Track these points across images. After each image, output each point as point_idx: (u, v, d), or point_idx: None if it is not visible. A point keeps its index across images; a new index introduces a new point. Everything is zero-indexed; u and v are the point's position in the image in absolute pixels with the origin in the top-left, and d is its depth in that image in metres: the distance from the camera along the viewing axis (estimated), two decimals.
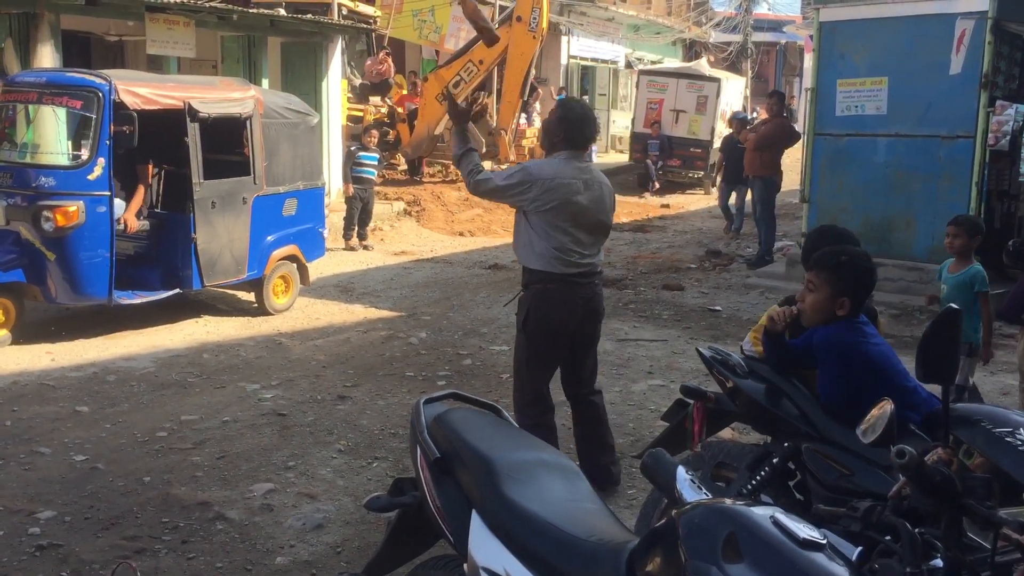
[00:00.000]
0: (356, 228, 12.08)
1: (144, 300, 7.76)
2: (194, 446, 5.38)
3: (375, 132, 12.68)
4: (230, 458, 5.23)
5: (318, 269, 9.82)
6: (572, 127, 4.54)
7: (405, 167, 16.61)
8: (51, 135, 7.46)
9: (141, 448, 5.33)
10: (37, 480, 4.85)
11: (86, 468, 5.02)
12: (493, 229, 14.06)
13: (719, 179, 15.11)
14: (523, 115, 17.96)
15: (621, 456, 5.35)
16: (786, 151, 12.12)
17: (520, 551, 2.27)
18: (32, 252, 7.15)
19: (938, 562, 1.82)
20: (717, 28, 31.97)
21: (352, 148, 12.24)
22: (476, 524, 2.43)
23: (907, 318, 8.62)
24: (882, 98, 9.44)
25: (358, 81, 17.40)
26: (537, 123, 20.91)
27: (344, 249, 11.88)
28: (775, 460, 3.35)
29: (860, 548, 1.87)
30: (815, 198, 10.05)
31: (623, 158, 22.38)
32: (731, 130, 14.35)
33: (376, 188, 15.40)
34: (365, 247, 12.10)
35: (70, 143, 7.38)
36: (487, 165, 17.06)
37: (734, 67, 29.15)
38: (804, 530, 1.79)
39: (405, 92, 18.16)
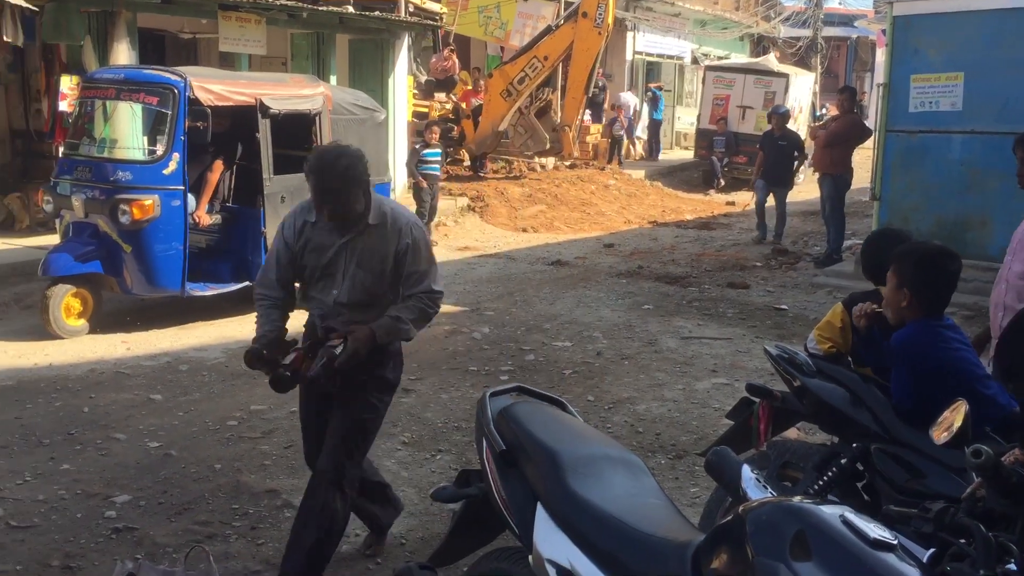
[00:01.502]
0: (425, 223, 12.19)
1: (215, 292, 7.94)
2: (263, 435, 5.50)
3: (436, 128, 12.75)
4: (297, 447, 5.30)
5: None
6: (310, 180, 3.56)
7: (469, 163, 16.70)
8: (128, 131, 7.66)
9: (212, 436, 5.46)
10: (113, 465, 5.00)
11: (160, 454, 5.17)
12: (556, 226, 14.05)
13: (755, 179, 13.66)
14: (588, 112, 17.90)
15: (684, 454, 5.33)
16: (856, 148, 11.87)
17: (585, 544, 2.28)
18: (109, 244, 7.36)
19: (1012, 566, 1.78)
20: (786, 23, 31.43)
21: (417, 146, 12.34)
22: (541, 517, 2.44)
23: (982, 320, 8.38)
24: (958, 94, 9.20)
25: (423, 77, 17.53)
26: (602, 119, 20.82)
27: None
28: (843, 461, 3.30)
29: (932, 550, 1.84)
30: (886, 196, 9.82)
31: (688, 155, 22.19)
32: (770, 125, 13.39)
33: (440, 184, 15.54)
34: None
35: (146, 138, 7.57)
36: (550, 162, 17.13)
37: (803, 62, 28.65)
38: (875, 530, 1.77)
39: (470, 88, 18.25)
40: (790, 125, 19.32)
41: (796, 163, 13.36)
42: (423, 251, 3.67)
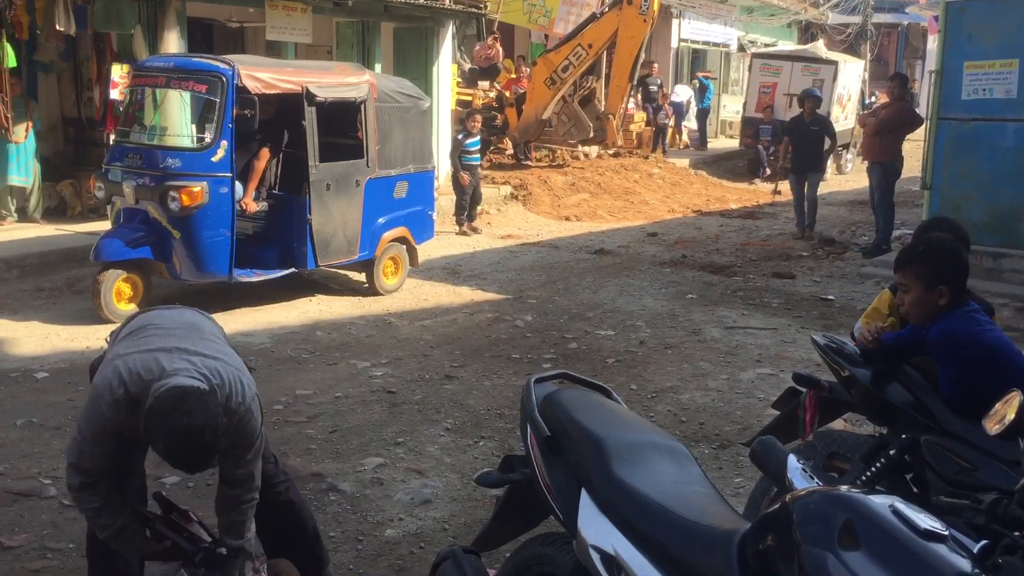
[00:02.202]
0: (468, 213, 12.24)
1: (261, 278, 8.03)
2: (308, 419, 5.56)
3: (478, 116, 12.73)
4: (342, 432, 5.39)
5: (426, 251, 9.99)
6: None
7: (512, 151, 16.69)
8: (177, 118, 7.78)
9: None
10: None
11: None
12: (599, 214, 14.01)
13: (786, 168, 13.06)
14: (632, 100, 17.77)
15: (728, 444, 5.30)
16: (907, 136, 11.66)
17: (630, 531, 2.28)
18: (159, 230, 7.47)
19: None
20: (835, 9, 30.92)
21: (459, 136, 12.27)
22: (586, 503, 2.45)
23: None
24: (1012, 81, 8.99)
25: (467, 66, 17.53)
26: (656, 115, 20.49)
27: (456, 233, 12.03)
28: (892, 452, 3.25)
29: (984, 541, 1.81)
30: (937, 185, 9.65)
31: (733, 143, 21.95)
32: (800, 110, 12.81)
33: (483, 172, 15.55)
34: (473, 230, 12.23)
35: (195, 126, 7.68)
36: (593, 151, 17.00)
37: (852, 49, 28.18)
38: (925, 520, 1.75)
39: (513, 76, 18.22)
40: (838, 112, 19.19)
41: (828, 150, 12.97)
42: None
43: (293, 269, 8.23)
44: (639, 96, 20.08)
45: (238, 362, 3.10)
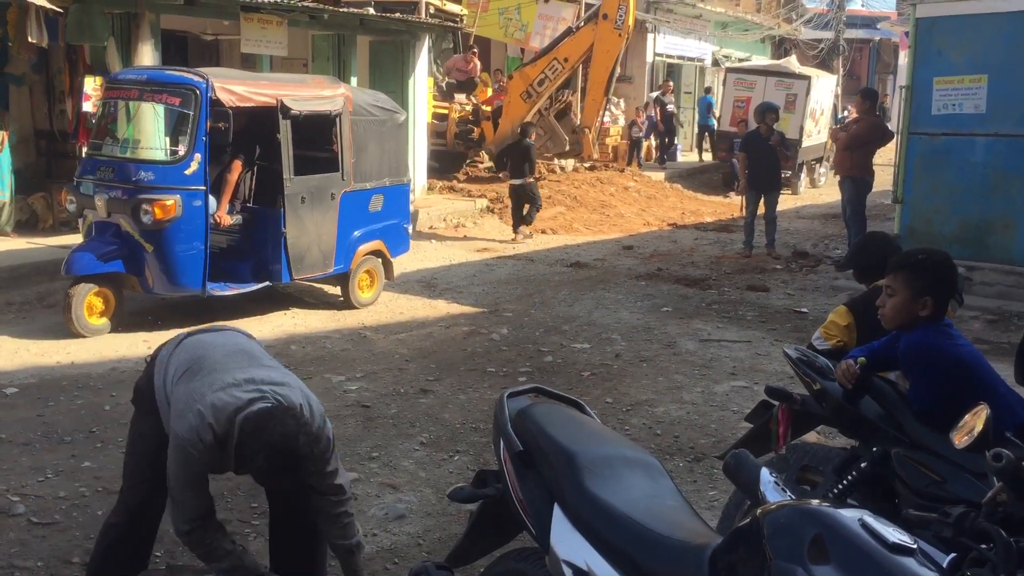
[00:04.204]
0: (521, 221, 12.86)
1: (236, 292, 7.98)
2: None
3: (533, 131, 13.42)
4: None
5: (402, 265, 9.97)
6: None
7: (490, 164, 16.73)
8: (151, 131, 7.72)
9: None
10: None
11: None
12: (575, 227, 14.04)
13: (742, 185, 12.42)
14: (607, 112, 17.91)
15: (703, 457, 5.31)
16: (878, 151, 11.77)
17: (602, 545, 2.27)
18: (131, 244, 7.40)
19: None
20: (808, 25, 31.29)
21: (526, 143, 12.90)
22: (558, 517, 2.44)
23: (1004, 324, 8.33)
24: (981, 96, 9.13)
25: (444, 81, 17.56)
26: (621, 120, 20.85)
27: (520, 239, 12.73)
28: (863, 464, 3.27)
29: (953, 555, 1.83)
30: (908, 199, 9.77)
31: (707, 156, 22.11)
32: (756, 125, 12.41)
33: (459, 185, 15.59)
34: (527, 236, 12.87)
35: (168, 139, 7.63)
36: (569, 164, 17.10)
37: (824, 65, 28.49)
38: (894, 534, 1.76)
39: (490, 89, 18.29)
40: (811, 127, 19.39)
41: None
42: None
43: (268, 283, 8.19)
44: (657, 113, 20.61)
45: (300, 383, 3.18)
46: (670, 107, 21.26)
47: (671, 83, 22.23)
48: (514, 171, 12.78)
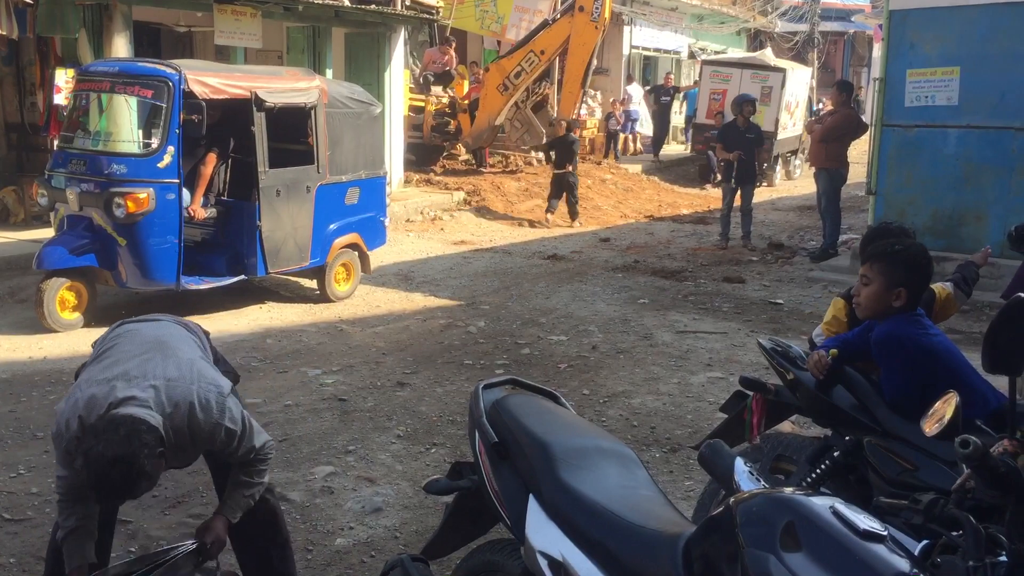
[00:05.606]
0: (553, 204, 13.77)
1: (210, 286, 7.93)
2: None
3: (563, 123, 14.10)
4: (292, 441, 5.33)
5: (379, 258, 9.93)
6: None
7: (467, 157, 16.69)
8: (123, 124, 7.63)
9: None
10: None
11: None
12: (553, 220, 14.04)
13: (719, 177, 12.43)
14: (584, 105, 17.91)
15: (679, 447, 5.33)
16: (852, 143, 11.85)
17: (577, 536, 2.28)
18: (104, 238, 7.34)
19: (1003, 557, 1.78)
20: (783, 17, 31.42)
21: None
22: (533, 509, 2.44)
23: (976, 314, 8.41)
24: (953, 88, 9.22)
25: (420, 73, 17.50)
26: (598, 113, 20.86)
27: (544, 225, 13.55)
28: (836, 453, 3.30)
29: (925, 541, 1.84)
30: (882, 190, 9.85)
31: (683, 148, 22.17)
32: (733, 117, 12.59)
33: (436, 178, 15.57)
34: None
35: (141, 132, 7.55)
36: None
37: (799, 57, 28.66)
38: (865, 521, 1.77)
39: (466, 81, 18.23)
40: (786, 119, 19.48)
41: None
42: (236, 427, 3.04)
43: (243, 276, 8.13)
44: (656, 106, 20.78)
45: (205, 376, 3.01)
46: (665, 99, 21.20)
47: (671, 76, 22.22)
48: (559, 162, 13.76)
